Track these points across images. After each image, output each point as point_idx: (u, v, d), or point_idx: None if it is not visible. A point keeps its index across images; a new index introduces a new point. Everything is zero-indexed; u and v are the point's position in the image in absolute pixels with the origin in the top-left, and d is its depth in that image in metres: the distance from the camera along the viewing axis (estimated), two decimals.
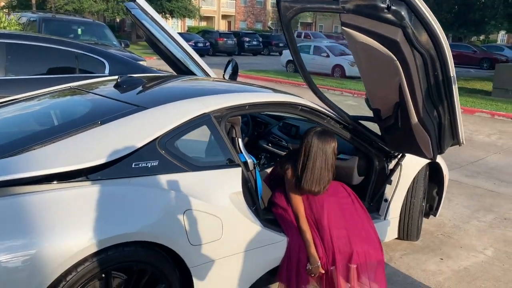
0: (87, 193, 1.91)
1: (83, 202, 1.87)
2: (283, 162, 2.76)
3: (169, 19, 36.02)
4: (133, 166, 2.09)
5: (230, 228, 2.29)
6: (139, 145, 2.12)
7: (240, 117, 2.76)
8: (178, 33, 29.72)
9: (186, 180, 2.20)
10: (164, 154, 2.18)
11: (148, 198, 2.03)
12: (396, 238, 3.64)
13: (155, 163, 2.14)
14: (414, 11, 2.30)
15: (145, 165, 2.12)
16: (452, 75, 2.52)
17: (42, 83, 4.60)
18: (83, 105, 2.63)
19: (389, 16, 2.28)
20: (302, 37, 32.22)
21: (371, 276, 2.61)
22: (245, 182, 2.50)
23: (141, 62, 8.34)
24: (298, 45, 2.83)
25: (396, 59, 2.40)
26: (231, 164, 2.44)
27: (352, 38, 2.44)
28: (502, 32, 38.04)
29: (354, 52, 2.59)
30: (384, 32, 2.33)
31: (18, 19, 10.35)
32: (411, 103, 2.61)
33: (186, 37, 25.90)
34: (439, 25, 2.36)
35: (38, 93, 3.06)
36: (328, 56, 17.91)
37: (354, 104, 11.14)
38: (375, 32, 2.35)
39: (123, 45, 10.22)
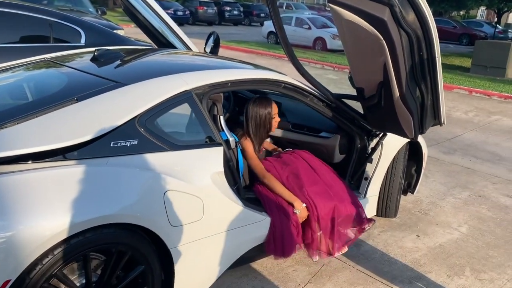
0: (64, 173, 1.84)
1: (59, 183, 1.81)
2: (236, 131, 2.94)
3: None
4: (111, 145, 2.02)
5: (211, 209, 2.26)
6: (118, 123, 2.05)
7: (222, 94, 2.69)
8: (157, 0, 28.75)
9: (167, 159, 2.15)
10: (144, 133, 2.12)
11: (127, 178, 1.97)
12: (374, 215, 3.69)
13: (135, 142, 2.08)
14: None
15: (124, 144, 2.05)
16: (437, 56, 2.50)
17: (14, 52, 4.41)
18: (58, 79, 2.51)
19: None
20: (284, 7, 31.76)
21: (347, 227, 2.91)
22: (227, 161, 2.46)
23: (118, 31, 8.09)
24: (280, 16, 2.78)
25: (382, 38, 2.36)
26: (212, 143, 2.40)
27: (338, 15, 2.38)
28: (482, 8, 38.25)
29: (340, 30, 2.54)
30: (371, 10, 2.28)
31: None
32: (395, 83, 2.59)
33: (165, 5, 25.13)
34: (427, 4, 2.32)
35: (11, 65, 2.92)
36: (310, 28, 17.73)
37: (335, 78, 11.12)
38: (362, 10, 2.30)
39: (99, 12, 9.89)
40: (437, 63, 2.53)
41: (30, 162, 1.85)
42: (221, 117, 2.66)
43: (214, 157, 2.35)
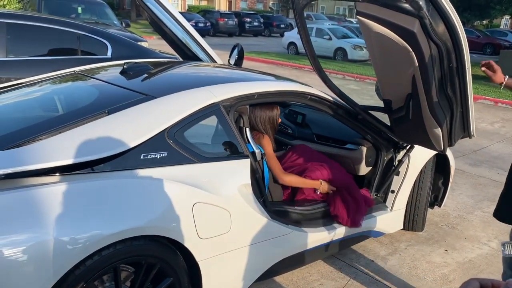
0: (95, 186, 1.86)
1: (91, 195, 1.83)
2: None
3: None
4: (141, 157, 2.04)
5: (239, 221, 2.26)
6: (148, 136, 2.07)
7: (248, 106, 2.70)
8: (179, 12, 29.12)
9: (195, 171, 2.16)
10: (173, 145, 2.13)
11: (157, 190, 1.98)
12: (401, 229, 3.62)
13: (164, 154, 2.09)
14: (432, 1, 2.22)
15: (154, 156, 2.07)
16: (467, 68, 2.46)
17: (43, 64, 4.53)
18: (89, 92, 2.56)
19: (407, 5, 2.21)
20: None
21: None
22: (253, 173, 2.46)
23: (142, 43, 8.24)
24: None
25: (411, 50, 2.33)
26: (239, 155, 2.40)
27: (367, 27, 2.37)
28: (506, 17, 37.64)
29: (368, 42, 2.52)
30: (400, 22, 2.26)
31: None
32: (424, 95, 2.55)
33: (187, 17, 25.50)
34: (457, 15, 2.28)
35: (42, 78, 2.98)
36: (330, 39, 17.71)
37: (356, 88, 11.06)
38: (391, 22, 2.28)
39: (123, 24, 10.05)
40: (467, 74, 2.49)
41: (63, 174, 1.88)
42: (247, 129, 2.66)
43: (241, 169, 2.35)
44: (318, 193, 3.02)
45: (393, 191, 3.37)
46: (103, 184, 1.88)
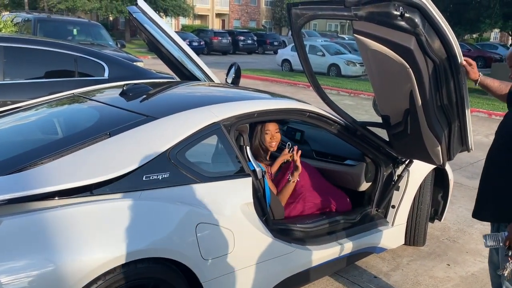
0: (97, 209, 1.85)
1: (92, 218, 1.82)
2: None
3: (163, 18, 35.77)
4: (143, 179, 2.03)
5: (242, 241, 2.24)
6: (150, 157, 2.07)
7: (248, 125, 2.71)
8: (175, 32, 29.25)
9: (197, 191, 2.15)
10: (175, 166, 2.13)
11: (159, 212, 1.97)
12: (402, 244, 3.61)
13: (166, 175, 2.09)
14: (428, 19, 2.26)
15: (156, 177, 2.06)
16: (464, 82, 2.49)
17: (41, 87, 4.54)
18: (89, 114, 2.56)
19: (403, 23, 2.24)
20: None
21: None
22: (255, 191, 2.45)
23: (138, 63, 8.27)
24: (292, 44, 2.85)
25: (408, 66, 2.36)
26: (241, 173, 2.40)
27: (364, 45, 2.40)
28: (496, 31, 38.21)
29: (365, 59, 2.55)
30: (397, 39, 2.29)
31: (13, 20, 10.22)
32: (422, 110, 2.58)
33: (181, 36, 25.51)
34: (452, 32, 2.32)
35: (41, 101, 2.99)
36: (323, 55, 17.88)
37: (351, 103, 11.13)
38: (388, 40, 2.31)
39: (119, 45, 10.12)
40: (463, 89, 2.52)
41: (65, 197, 1.87)
42: (248, 148, 2.66)
43: (243, 188, 2.35)
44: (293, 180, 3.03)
45: (393, 206, 3.37)
46: (104, 207, 1.86)
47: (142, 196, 2.00)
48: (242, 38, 29.07)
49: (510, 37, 27.55)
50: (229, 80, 4.26)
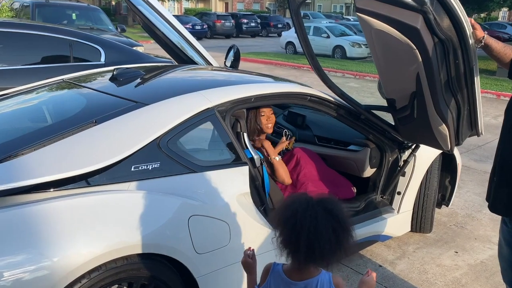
0: (81, 203, 1.74)
1: (76, 213, 1.70)
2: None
3: (165, 2, 35.34)
4: (132, 169, 1.91)
5: (238, 233, 2.13)
6: (139, 146, 1.94)
7: (245, 110, 2.58)
8: (175, 16, 29.09)
9: (190, 182, 2.03)
10: (166, 155, 2.00)
11: (149, 204, 1.86)
12: (408, 231, 3.49)
13: (157, 165, 1.97)
14: None
15: (145, 167, 1.94)
16: (474, 64, 2.32)
17: (36, 73, 4.41)
18: (77, 101, 2.43)
19: (409, 0, 2.08)
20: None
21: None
22: (253, 180, 2.33)
23: (138, 48, 8.12)
24: None
25: (415, 47, 2.21)
26: (237, 162, 2.27)
27: (367, 24, 2.24)
28: (504, 9, 37.45)
29: (369, 40, 2.39)
30: (402, 18, 2.13)
31: (11, 5, 10.05)
32: (429, 93, 2.43)
33: (184, 20, 25.40)
34: (462, 8, 2.15)
35: (29, 88, 2.86)
36: (328, 37, 17.59)
37: (356, 86, 10.93)
38: (393, 19, 2.15)
39: (119, 30, 9.92)
40: (474, 71, 2.36)
41: (48, 190, 1.75)
42: (245, 134, 2.53)
43: (240, 177, 2.22)
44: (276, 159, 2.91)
45: (399, 193, 3.24)
46: (89, 201, 1.75)
47: (131, 188, 1.88)
48: (245, 21, 28.65)
49: None
50: (228, 64, 4.10)
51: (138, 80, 2.58)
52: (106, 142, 1.92)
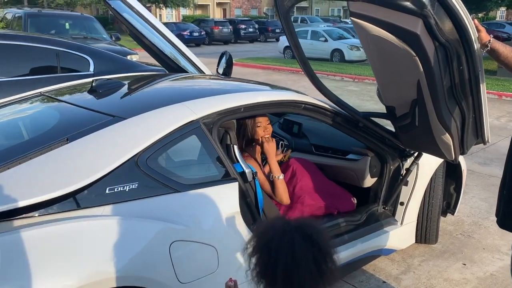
0: (49, 232, 1.56)
1: (42, 244, 1.52)
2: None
3: (163, 9, 35.33)
4: (107, 191, 1.74)
5: (228, 257, 1.94)
6: (114, 165, 1.77)
7: (235, 121, 2.41)
8: (173, 23, 29.02)
9: (173, 203, 1.86)
10: (145, 174, 1.83)
11: (125, 231, 1.68)
12: (413, 243, 3.31)
13: (134, 186, 1.79)
14: None
15: (122, 189, 1.77)
16: (480, 70, 2.14)
17: (22, 85, 4.23)
18: (51, 117, 2.25)
19: (408, 3, 1.90)
20: (299, 21, 31.63)
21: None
22: (243, 197, 2.16)
23: (133, 56, 7.98)
24: (296, 30, 2.48)
25: (415, 54, 2.03)
26: (226, 178, 2.09)
27: (362, 30, 2.06)
28: (502, 9, 37.36)
29: (365, 46, 2.22)
30: (401, 23, 1.95)
31: (3, 16, 9.92)
32: (431, 101, 2.25)
33: (181, 27, 25.35)
34: (466, 11, 1.97)
35: (5, 102, 2.68)
36: (326, 40, 17.47)
37: (355, 89, 10.77)
38: (391, 24, 1.97)
39: (113, 38, 9.80)
40: (480, 77, 2.18)
41: (12, 219, 1.58)
42: (235, 147, 2.36)
43: (229, 195, 2.05)
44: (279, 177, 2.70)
45: (402, 203, 3.06)
46: (58, 230, 1.57)
47: (105, 213, 1.70)
48: (243, 26, 28.59)
49: None
50: (220, 71, 3.94)
51: (119, 92, 2.41)
52: (78, 162, 1.75)
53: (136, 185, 1.79)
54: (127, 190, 1.77)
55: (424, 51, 1.99)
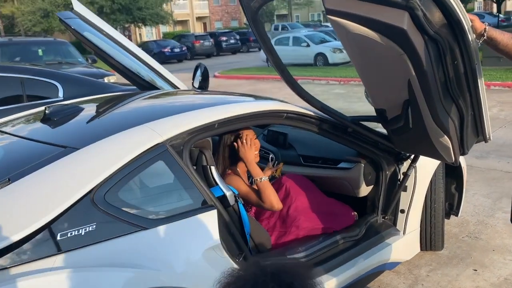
0: None
1: None
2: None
3: (142, 28, 35.14)
4: (58, 237, 1.47)
5: None
6: (66, 205, 1.50)
7: (210, 139, 2.15)
8: (153, 41, 28.83)
9: (139, 243, 1.59)
10: (104, 212, 1.56)
11: (85, 285, 1.40)
12: (418, 252, 3.05)
13: (92, 227, 1.52)
14: None
15: (76, 232, 1.50)
16: (476, 63, 1.91)
17: None
18: None
19: None
20: (280, 29, 31.61)
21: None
22: (225, 225, 1.89)
23: (110, 77, 7.72)
24: (277, 37, 2.27)
25: (403, 52, 1.79)
26: (202, 206, 1.83)
27: (341, 28, 1.82)
28: (479, 0, 37.77)
29: (346, 46, 1.98)
30: (384, 18, 1.71)
31: None
32: (425, 102, 2.01)
33: (162, 44, 25.18)
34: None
35: None
36: (308, 45, 17.37)
37: (342, 92, 10.57)
38: (372, 19, 1.73)
39: (89, 61, 9.53)
40: (477, 70, 1.94)
41: None
42: (213, 168, 2.10)
43: (206, 226, 1.78)
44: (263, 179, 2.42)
45: (402, 211, 2.81)
46: None
47: (57, 264, 1.43)
48: (224, 38, 28.47)
49: (494, 4, 27.04)
50: (196, 85, 3.68)
51: (75, 119, 2.14)
52: (21, 206, 1.47)
53: (94, 226, 1.52)
54: (83, 233, 1.50)
55: (413, 48, 1.75)
